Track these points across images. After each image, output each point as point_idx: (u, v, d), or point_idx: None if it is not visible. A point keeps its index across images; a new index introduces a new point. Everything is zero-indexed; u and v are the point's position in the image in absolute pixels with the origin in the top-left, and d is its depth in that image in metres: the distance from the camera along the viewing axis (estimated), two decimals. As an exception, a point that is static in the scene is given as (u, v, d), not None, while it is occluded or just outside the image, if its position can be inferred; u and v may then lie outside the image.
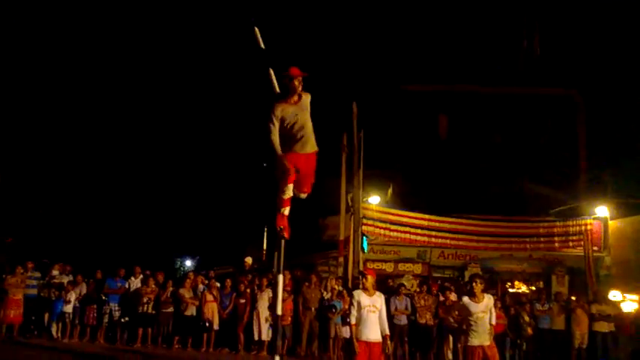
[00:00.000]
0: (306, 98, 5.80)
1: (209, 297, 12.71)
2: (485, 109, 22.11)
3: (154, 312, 12.67)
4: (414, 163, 21.83)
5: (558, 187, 19.82)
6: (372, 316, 7.46)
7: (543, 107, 22.16)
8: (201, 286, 13.16)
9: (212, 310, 12.61)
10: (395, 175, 20.66)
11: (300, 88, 5.74)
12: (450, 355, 12.75)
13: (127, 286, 13.21)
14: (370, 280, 7.74)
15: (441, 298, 13.10)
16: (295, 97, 5.74)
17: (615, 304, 13.68)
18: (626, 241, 16.84)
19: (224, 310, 12.71)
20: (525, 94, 22.10)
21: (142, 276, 13.34)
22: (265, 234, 23.57)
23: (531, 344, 13.03)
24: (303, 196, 6.28)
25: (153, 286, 12.90)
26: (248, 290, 12.80)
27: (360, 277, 7.95)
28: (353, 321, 7.48)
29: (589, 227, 17.17)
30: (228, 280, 13.22)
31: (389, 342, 7.63)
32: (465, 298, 8.12)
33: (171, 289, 12.93)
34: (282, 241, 6.12)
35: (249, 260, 15.12)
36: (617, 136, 20.13)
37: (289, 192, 5.98)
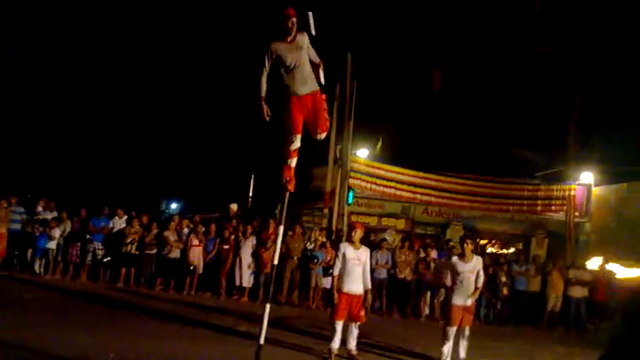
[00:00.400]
0: (302, 38, 5.82)
1: (194, 241, 12.80)
2: (481, 65, 21.84)
3: (137, 253, 12.78)
4: (405, 116, 21.67)
5: (546, 149, 19.83)
6: (356, 269, 7.63)
7: (539, 65, 21.90)
8: (186, 230, 13.23)
9: (197, 255, 12.74)
10: (385, 128, 20.55)
11: (294, 29, 5.77)
12: (427, 310, 13.08)
13: (110, 225, 13.24)
14: (359, 233, 7.89)
15: (422, 255, 13.34)
16: (290, 37, 5.78)
17: (592, 270, 13.95)
18: (608, 208, 17.05)
19: (207, 254, 12.84)
20: (522, 51, 21.79)
21: (126, 216, 13.36)
22: (252, 181, 23.62)
23: (506, 304, 13.34)
24: (320, 137, 6.29)
25: (137, 227, 12.95)
26: (232, 237, 12.90)
27: (350, 229, 8.04)
28: (336, 272, 7.63)
29: (572, 193, 17.34)
30: (212, 226, 13.30)
31: (369, 296, 7.82)
32: (454, 257, 8.30)
33: (155, 230, 12.99)
34: (287, 193, 6.22)
35: (234, 207, 15.17)
36: (609, 102, 20.04)
37: (297, 142, 6.04)
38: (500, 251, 18.05)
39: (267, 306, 6.00)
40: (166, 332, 8.41)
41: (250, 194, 23.55)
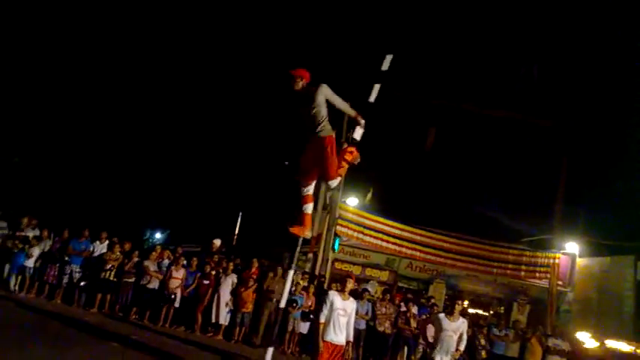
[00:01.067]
0: (313, 90, 6.26)
1: (175, 273, 12.61)
2: (475, 129, 22.23)
3: (115, 279, 12.56)
4: (396, 170, 21.88)
5: (533, 216, 20.00)
6: (341, 320, 7.57)
7: (530, 135, 22.33)
8: (166, 261, 13.06)
9: (176, 287, 12.53)
10: (376, 179, 20.69)
11: (298, 85, 6.29)
12: (404, 366, 12.87)
13: (91, 249, 13.06)
14: (351, 284, 7.89)
15: (403, 309, 13.20)
16: (301, 92, 6.32)
17: (571, 341, 13.85)
18: (591, 280, 17.09)
19: (186, 288, 12.64)
20: (515, 120, 22.25)
21: (107, 242, 13.20)
22: (239, 219, 23.54)
23: (483, 368, 13.15)
24: (331, 183, 6.73)
25: (118, 253, 12.77)
26: (213, 272, 12.74)
27: (342, 279, 8.07)
28: (322, 319, 7.54)
29: (557, 261, 17.39)
30: (194, 259, 13.14)
31: (350, 348, 7.73)
32: (441, 314, 8.28)
33: (136, 259, 12.81)
34: (300, 240, 6.74)
35: (217, 242, 14.98)
36: (596, 175, 20.39)
37: (310, 188, 6.54)
38: (482, 313, 17.92)
39: (270, 350, 6.24)
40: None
41: (236, 232, 23.42)
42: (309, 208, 6.44)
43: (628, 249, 16.28)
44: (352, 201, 18.10)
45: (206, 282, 12.59)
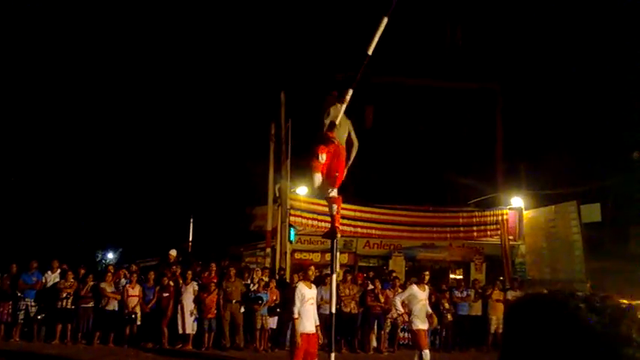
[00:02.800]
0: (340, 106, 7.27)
1: (131, 291, 12.40)
2: (410, 100, 22.61)
3: (73, 307, 12.23)
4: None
5: (477, 177, 20.58)
6: (310, 308, 7.75)
7: (464, 99, 22.91)
8: (123, 280, 12.81)
9: (135, 304, 12.33)
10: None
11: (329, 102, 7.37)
12: (375, 342, 13.12)
13: (43, 280, 12.66)
14: (314, 271, 8.11)
15: (370, 287, 13.41)
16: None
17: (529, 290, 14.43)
18: (539, 230, 17.76)
19: (147, 304, 12.44)
20: (447, 87, 22.78)
21: (59, 270, 12.82)
22: (191, 225, 23.24)
23: (451, 330, 13.59)
24: (331, 189, 7.37)
25: (72, 280, 12.44)
26: (172, 283, 12.59)
27: (304, 269, 8.39)
28: (296, 314, 7.63)
29: (505, 217, 18.00)
30: (151, 273, 12.95)
31: (319, 332, 7.87)
32: (414, 285, 8.68)
33: (91, 283, 12.51)
34: (335, 242, 7.21)
35: (173, 253, 14.77)
36: (533, 129, 21.12)
37: (334, 192, 7.34)
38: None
39: (332, 355, 6.97)
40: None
41: (190, 238, 23.13)
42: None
43: (570, 195, 16.96)
44: (302, 190, 18.13)
45: (166, 294, 12.44)
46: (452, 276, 18.53)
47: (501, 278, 15.72)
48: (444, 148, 22.46)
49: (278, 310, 12.51)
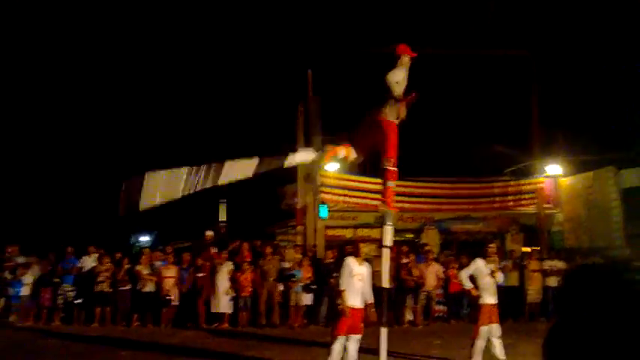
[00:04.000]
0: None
1: (167, 272, 12.55)
2: (442, 70, 22.12)
3: (110, 290, 12.46)
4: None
5: (512, 146, 20.11)
6: (359, 284, 7.69)
7: (499, 67, 22.29)
8: (158, 262, 12.98)
9: (171, 286, 12.49)
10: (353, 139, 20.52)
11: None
12: (410, 316, 13.04)
13: (79, 265, 12.93)
14: (363, 248, 8.09)
15: (404, 260, 13.29)
16: None
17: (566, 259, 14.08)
18: (577, 197, 17.29)
19: (183, 285, 12.59)
20: (479, 55, 22.17)
21: (96, 254, 13.06)
22: (225, 208, 23.48)
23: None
24: (386, 161, 7.32)
25: (108, 264, 12.66)
26: (207, 264, 12.70)
27: (354, 246, 8.53)
28: (343, 287, 7.62)
29: (541, 185, 17.57)
30: (185, 255, 13.09)
31: (373, 309, 7.77)
32: (479, 260, 8.46)
33: (127, 266, 12.71)
34: (387, 216, 7.10)
35: (210, 233, 14.92)
36: (569, 94, 20.48)
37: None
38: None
39: (384, 330, 6.65)
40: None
41: (224, 219, 23.37)
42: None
43: (608, 160, 16.43)
44: (331, 166, 18.01)
45: (201, 275, 12.57)
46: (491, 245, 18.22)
47: (538, 248, 15.39)
48: (478, 118, 21.98)
49: (312, 287, 12.53)
